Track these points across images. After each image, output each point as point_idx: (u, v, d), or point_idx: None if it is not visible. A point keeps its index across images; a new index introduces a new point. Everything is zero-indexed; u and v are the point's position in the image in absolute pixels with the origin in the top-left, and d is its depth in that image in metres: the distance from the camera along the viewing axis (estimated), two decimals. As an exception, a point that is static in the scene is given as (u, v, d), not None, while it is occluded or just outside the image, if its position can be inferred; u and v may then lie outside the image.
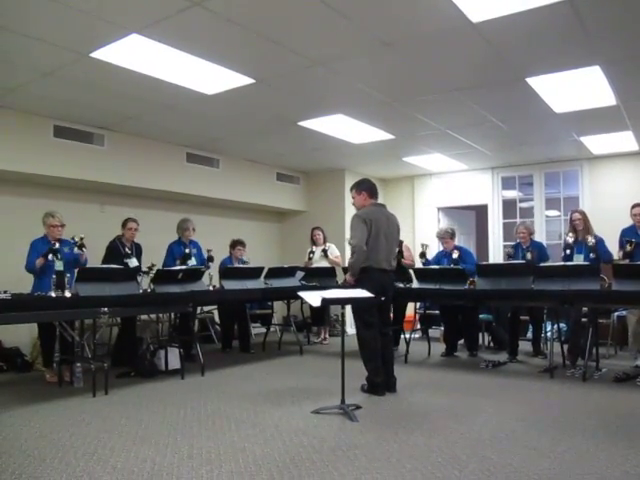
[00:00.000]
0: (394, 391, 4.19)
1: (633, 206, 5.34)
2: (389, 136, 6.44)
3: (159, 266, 5.63)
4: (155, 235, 6.08)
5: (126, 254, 5.40)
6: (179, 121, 5.85)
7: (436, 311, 6.60)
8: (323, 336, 7.25)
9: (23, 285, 4.65)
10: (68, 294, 4.23)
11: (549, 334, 5.44)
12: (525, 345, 6.03)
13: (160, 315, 5.90)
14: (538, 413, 3.61)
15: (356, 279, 4.20)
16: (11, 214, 5.64)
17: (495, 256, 8.17)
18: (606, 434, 3.11)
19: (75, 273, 4.57)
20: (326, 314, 7.27)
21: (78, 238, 4.74)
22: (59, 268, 4.59)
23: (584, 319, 5.09)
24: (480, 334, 6.44)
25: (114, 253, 5.35)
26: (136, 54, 4.01)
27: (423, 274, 5.76)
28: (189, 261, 5.83)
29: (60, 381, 4.56)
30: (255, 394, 4.17)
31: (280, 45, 3.91)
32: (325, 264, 7.04)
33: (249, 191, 7.84)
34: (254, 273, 5.95)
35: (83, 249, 4.78)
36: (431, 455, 2.78)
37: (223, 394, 4.18)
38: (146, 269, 5.41)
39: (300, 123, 5.92)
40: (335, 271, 6.80)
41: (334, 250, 7.29)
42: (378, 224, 4.20)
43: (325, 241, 7.29)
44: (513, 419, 3.44)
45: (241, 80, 4.57)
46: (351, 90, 4.89)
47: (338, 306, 3.92)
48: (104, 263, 5.19)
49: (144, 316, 5.87)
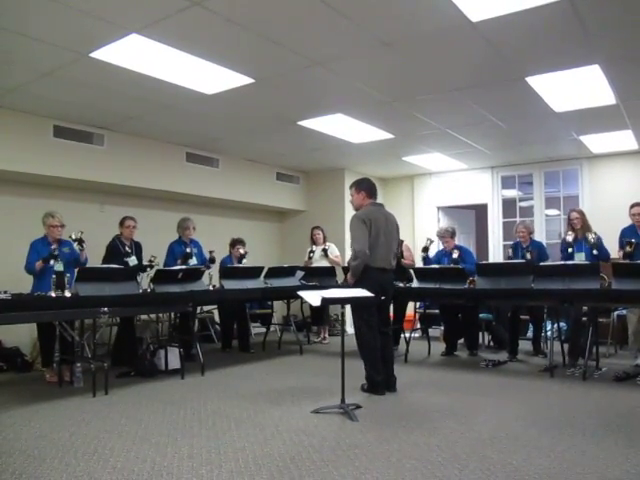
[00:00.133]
0: (394, 390, 4.19)
1: (632, 205, 5.33)
2: (389, 135, 6.44)
3: (160, 259, 5.63)
4: (155, 235, 6.08)
5: (126, 253, 5.40)
6: (179, 121, 5.84)
7: (436, 310, 6.60)
8: (323, 336, 7.26)
9: (23, 285, 4.65)
10: (68, 294, 4.23)
11: (549, 333, 5.44)
12: (525, 344, 6.03)
13: (160, 315, 5.91)
14: (538, 412, 3.61)
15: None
16: (11, 214, 5.64)
17: (495, 255, 8.17)
18: (606, 433, 3.11)
19: (75, 273, 4.57)
20: (326, 314, 7.27)
21: (77, 234, 4.74)
22: (59, 268, 4.58)
23: (584, 318, 5.09)
24: (480, 333, 6.44)
25: (114, 252, 5.35)
26: (136, 54, 4.00)
27: (423, 273, 5.76)
28: (190, 260, 5.82)
29: (60, 381, 4.56)
30: (255, 394, 4.17)
31: (280, 45, 3.91)
32: (325, 264, 7.05)
33: (249, 191, 7.84)
34: (254, 273, 5.95)
35: (83, 244, 4.78)
36: (431, 454, 2.79)
37: (223, 394, 4.18)
38: (147, 262, 5.41)
39: (300, 123, 5.92)
40: (335, 270, 6.81)
41: (334, 249, 7.29)
42: (377, 224, 4.21)
43: (325, 241, 7.30)
44: (513, 418, 3.45)
45: (241, 80, 4.57)
46: (351, 90, 4.89)
47: (338, 305, 3.92)
48: (104, 263, 5.19)
49: (144, 316, 5.88)
